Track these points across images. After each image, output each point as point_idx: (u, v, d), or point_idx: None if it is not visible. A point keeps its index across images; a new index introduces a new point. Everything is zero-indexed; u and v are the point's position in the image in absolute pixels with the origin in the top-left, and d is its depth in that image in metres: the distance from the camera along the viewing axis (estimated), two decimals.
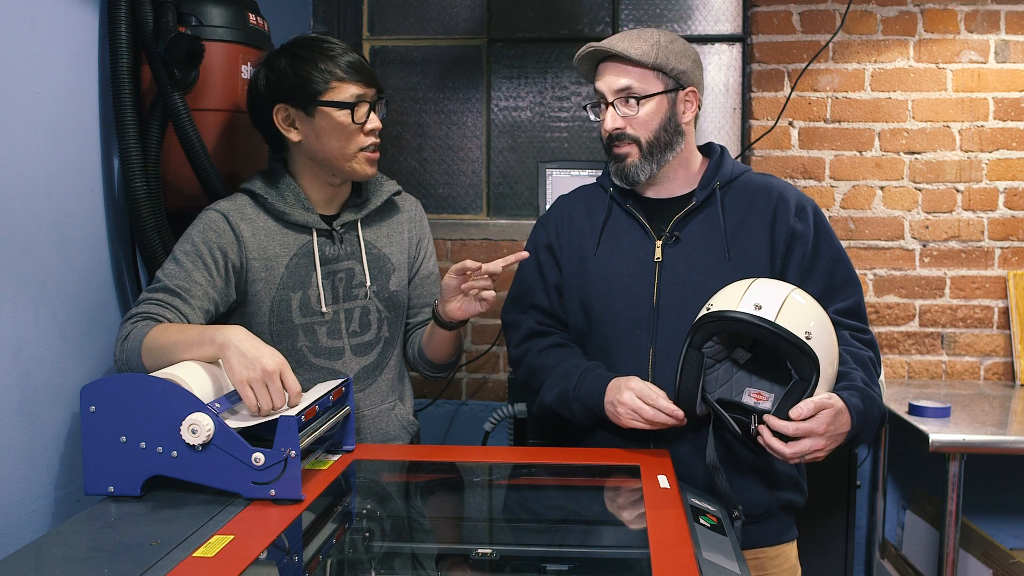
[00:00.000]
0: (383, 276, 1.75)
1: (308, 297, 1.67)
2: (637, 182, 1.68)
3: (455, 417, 3.11)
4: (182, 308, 1.55)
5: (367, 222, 1.76)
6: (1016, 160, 2.88)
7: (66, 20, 1.54)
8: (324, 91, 1.60)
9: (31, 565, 1.08)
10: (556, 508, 1.54)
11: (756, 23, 2.93)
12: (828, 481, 2.54)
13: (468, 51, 3.18)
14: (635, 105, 1.63)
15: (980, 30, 2.85)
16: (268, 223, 1.66)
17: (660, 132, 1.65)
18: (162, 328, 1.48)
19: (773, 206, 1.67)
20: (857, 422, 1.47)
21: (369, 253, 1.74)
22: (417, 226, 1.84)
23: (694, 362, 1.50)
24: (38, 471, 1.45)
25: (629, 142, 1.65)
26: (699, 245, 1.66)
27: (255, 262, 1.64)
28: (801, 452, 1.43)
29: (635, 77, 1.63)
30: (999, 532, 2.84)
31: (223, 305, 1.63)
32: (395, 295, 1.77)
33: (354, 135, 1.63)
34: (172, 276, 1.57)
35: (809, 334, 1.43)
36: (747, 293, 1.47)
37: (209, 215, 1.64)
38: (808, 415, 1.41)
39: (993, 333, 2.92)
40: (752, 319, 1.43)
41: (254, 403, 1.34)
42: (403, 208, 1.83)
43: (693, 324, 1.50)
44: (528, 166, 3.16)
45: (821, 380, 1.44)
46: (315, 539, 1.28)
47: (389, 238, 1.78)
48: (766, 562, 1.69)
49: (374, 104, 1.65)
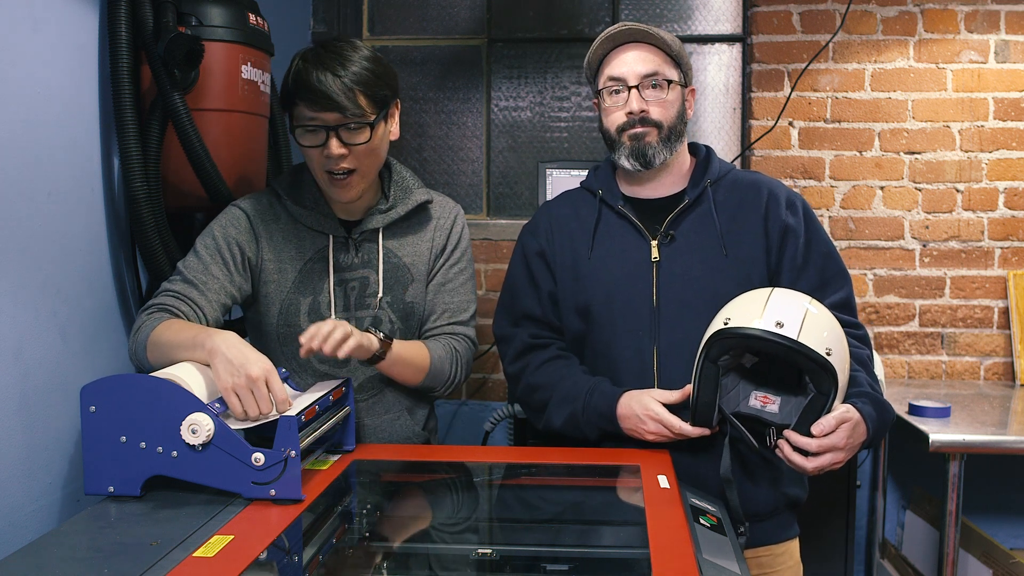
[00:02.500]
0: (399, 287, 1.70)
1: (318, 303, 1.66)
2: (652, 164, 1.67)
3: (455, 417, 3.11)
4: (198, 300, 1.56)
5: (391, 230, 1.70)
6: (1016, 160, 2.88)
7: (66, 20, 1.54)
8: (291, 107, 1.57)
9: (31, 565, 1.08)
10: (556, 508, 1.53)
11: (756, 23, 2.93)
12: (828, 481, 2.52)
13: (468, 51, 3.18)
14: (664, 88, 1.65)
15: (980, 30, 2.85)
16: (287, 225, 1.66)
17: (677, 121, 1.68)
18: (167, 324, 1.48)
19: (764, 201, 1.68)
20: (872, 430, 1.50)
21: (387, 262, 1.69)
22: (443, 234, 1.74)
23: (711, 376, 1.50)
24: (38, 471, 1.45)
25: (651, 124, 1.65)
26: (695, 243, 1.66)
27: (269, 263, 1.65)
28: (822, 466, 1.45)
29: (662, 62, 1.65)
30: (999, 532, 2.84)
31: (239, 299, 1.64)
32: (410, 306, 1.71)
33: (312, 157, 1.58)
34: (191, 268, 1.59)
35: (830, 350, 1.43)
36: (767, 308, 1.46)
37: (232, 211, 1.66)
38: (830, 430, 1.43)
39: (993, 333, 2.92)
40: (777, 338, 1.42)
41: (240, 409, 1.33)
42: (433, 215, 1.75)
43: (708, 337, 1.49)
44: (528, 166, 3.16)
45: (838, 392, 1.45)
46: (315, 539, 1.28)
47: (413, 247, 1.72)
48: (772, 560, 1.69)
49: (337, 128, 1.53)
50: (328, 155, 1.55)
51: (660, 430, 1.56)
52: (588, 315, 1.70)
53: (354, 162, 1.58)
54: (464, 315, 1.76)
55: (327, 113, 1.52)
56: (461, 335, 1.74)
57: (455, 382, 1.73)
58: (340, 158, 1.55)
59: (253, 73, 1.83)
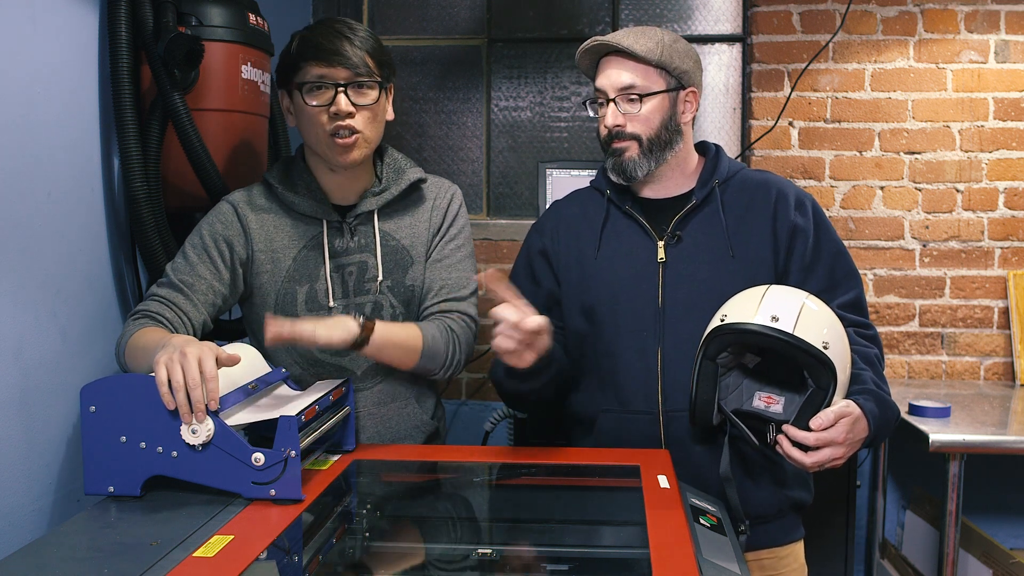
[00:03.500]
0: (399, 270, 1.68)
1: (316, 291, 1.65)
2: (635, 178, 1.67)
3: (455, 417, 3.11)
4: (183, 305, 1.56)
5: (387, 212, 1.69)
6: (1016, 160, 2.88)
7: (66, 20, 1.54)
8: (296, 72, 1.59)
9: (31, 565, 1.08)
10: (556, 508, 1.53)
11: (756, 23, 2.93)
12: (828, 481, 2.54)
13: (468, 51, 3.18)
14: (637, 103, 1.63)
15: (980, 30, 2.85)
16: (279, 214, 1.66)
17: (661, 130, 1.65)
18: (142, 332, 1.49)
19: (773, 201, 1.66)
20: (874, 427, 1.48)
21: (386, 245, 1.67)
22: (439, 213, 1.72)
23: (709, 373, 1.50)
24: (38, 471, 1.45)
25: (629, 139, 1.65)
26: (702, 244, 1.66)
27: (260, 254, 1.64)
28: (821, 461, 1.44)
29: (639, 75, 1.63)
30: (999, 532, 2.84)
31: (232, 297, 1.63)
32: (411, 289, 1.68)
33: (316, 118, 1.58)
34: (179, 270, 1.59)
35: (827, 344, 1.42)
36: (763, 303, 1.46)
37: (220, 206, 1.66)
38: (829, 425, 1.42)
39: (993, 333, 2.92)
40: (771, 331, 1.42)
41: (164, 379, 1.25)
42: (428, 195, 1.73)
43: (706, 335, 1.49)
44: (528, 166, 3.16)
45: (838, 387, 1.44)
46: (315, 539, 1.28)
47: (411, 228, 1.70)
48: (776, 562, 1.68)
49: (346, 86, 1.56)
50: (336, 111, 1.55)
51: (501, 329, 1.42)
52: (593, 315, 1.69)
53: (359, 124, 1.58)
54: (463, 291, 1.70)
55: (338, 69, 1.55)
56: (457, 312, 1.68)
57: (454, 363, 1.66)
58: (347, 115, 1.56)
59: (253, 73, 1.84)
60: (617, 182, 1.70)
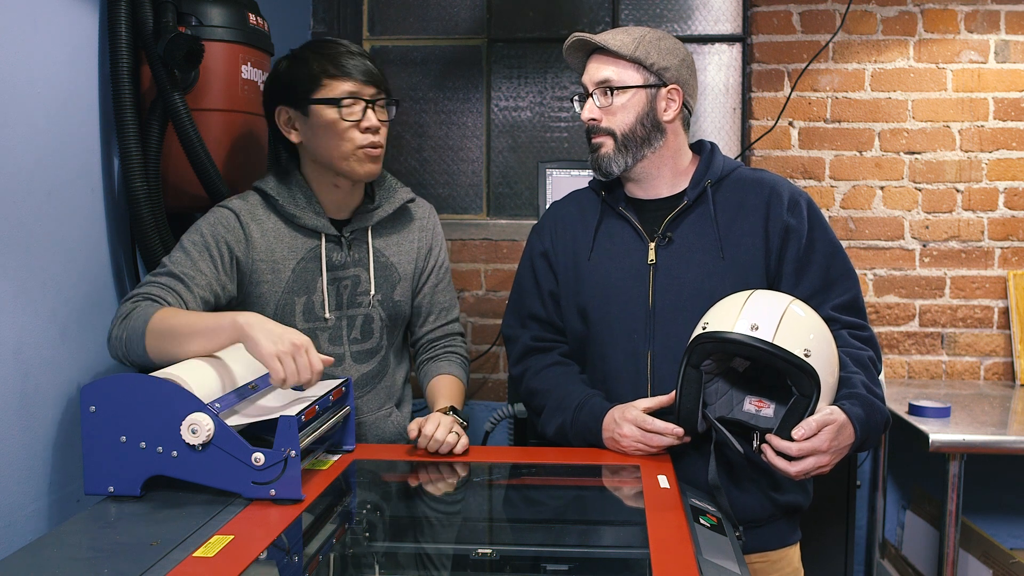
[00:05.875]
0: (388, 285, 1.75)
1: (312, 303, 1.68)
2: (610, 174, 1.66)
3: None
4: (183, 294, 1.56)
5: (378, 229, 1.75)
6: (1016, 160, 2.88)
7: (66, 20, 1.54)
8: (315, 89, 1.60)
9: (31, 565, 1.08)
10: (556, 508, 1.53)
11: (756, 23, 2.93)
12: (828, 481, 2.54)
13: (468, 51, 3.18)
14: (610, 96, 1.63)
15: (980, 30, 2.86)
16: (278, 225, 1.67)
17: (636, 126, 1.63)
18: (172, 311, 1.47)
19: (765, 201, 1.64)
20: (860, 432, 1.45)
21: (377, 261, 1.74)
22: (428, 234, 1.82)
23: (692, 380, 1.49)
24: (38, 471, 1.45)
25: (604, 134, 1.65)
26: (692, 245, 1.64)
27: (261, 263, 1.65)
28: (806, 470, 1.41)
29: (615, 70, 1.63)
30: (999, 532, 2.84)
31: (223, 298, 1.63)
32: (398, 305, 1.77)
33: (347, 132, 1.61)
34: (177, 263, 1.58)
35: (808, 351, 1.40)
36: (743, 312, 1.44)
37: (221, 212, 1.65)
38: (811, 434, 1.40)
39: (993, 333, 2.92)
40: (749, 340, 1.40)
41: (281, 375, 1.34)
42: (415, 216, 1.82)
43: (689, 343, 1.48)
44: (528, 166, 3.16)
45: (823, 393, 1.42)
46: (315, 539, 1.28)
47: (399, 247, 1.78)
48: (767, 566, 1.67)
49: (373, 102, 1.63)
50: (368, 127, 1.62)
51: (633, 432, 1.54)
52: (586, 316, 1.69)
53: (382, 138, 1.66)
54: (455, 311, 1.89)
55: (368, 87, 1.62)
56: (456, 335, 1.88)
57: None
58: (378, 130, 1.64)
59: (253, 73, 1.84)
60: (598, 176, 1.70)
